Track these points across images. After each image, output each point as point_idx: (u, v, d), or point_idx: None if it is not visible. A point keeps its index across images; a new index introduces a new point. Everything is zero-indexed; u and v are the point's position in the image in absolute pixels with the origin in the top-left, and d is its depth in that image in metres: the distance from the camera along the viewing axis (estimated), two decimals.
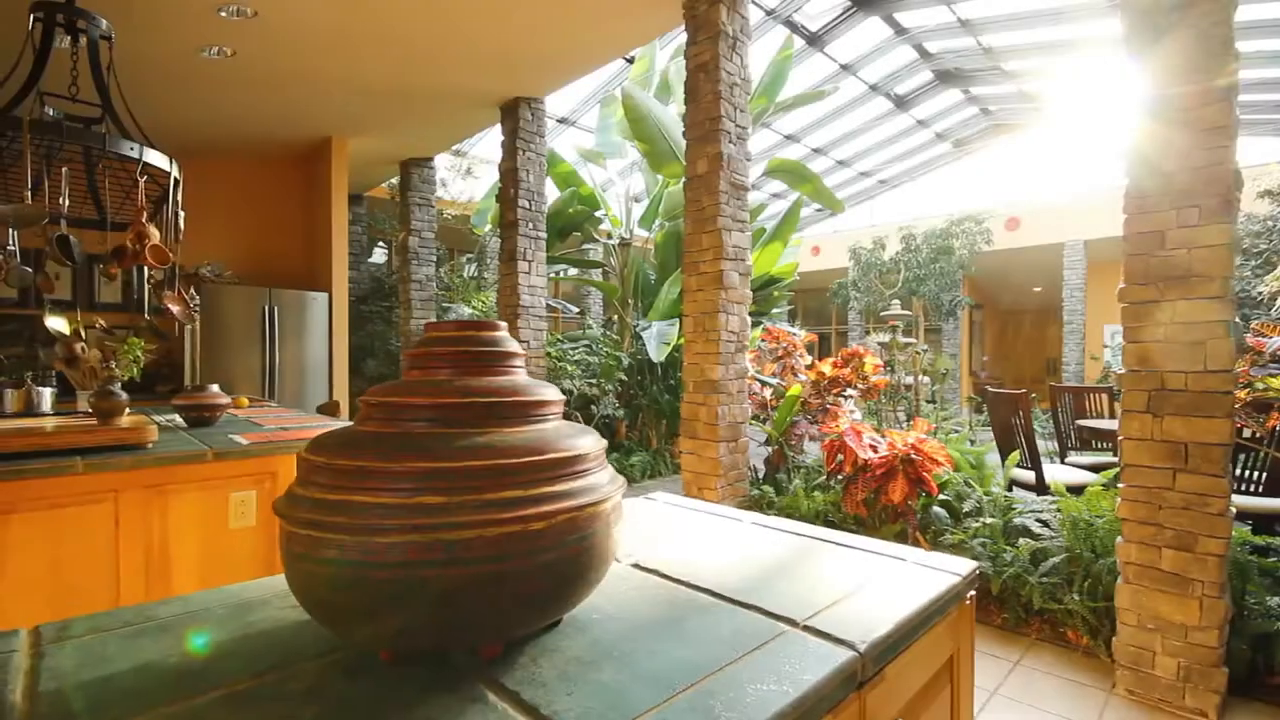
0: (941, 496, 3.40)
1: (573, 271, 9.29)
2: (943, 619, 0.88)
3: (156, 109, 4.77)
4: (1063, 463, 4.68)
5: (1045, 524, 3.07)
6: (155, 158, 2.27)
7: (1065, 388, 4.85)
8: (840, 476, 3.36)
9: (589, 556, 0.67)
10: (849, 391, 4.32)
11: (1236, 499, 3.20)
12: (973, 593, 0.98)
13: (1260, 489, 3.21)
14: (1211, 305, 2.22)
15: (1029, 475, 3.81)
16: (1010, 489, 4.09)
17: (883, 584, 0.90)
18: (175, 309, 2.40)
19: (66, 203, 2.19)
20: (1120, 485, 2.43)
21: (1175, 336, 2.28)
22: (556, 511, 0.62)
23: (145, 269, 2.48)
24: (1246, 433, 3.10)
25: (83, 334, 2.47)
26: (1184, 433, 2.26)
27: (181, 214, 2.44)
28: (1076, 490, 3.36)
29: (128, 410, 2.20)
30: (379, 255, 9.61)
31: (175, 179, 2.39)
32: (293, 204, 6.47)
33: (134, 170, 2.32)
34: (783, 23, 6.93)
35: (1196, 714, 2.23)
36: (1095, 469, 4.10)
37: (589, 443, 0.73)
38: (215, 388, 2.71)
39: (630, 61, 7.01)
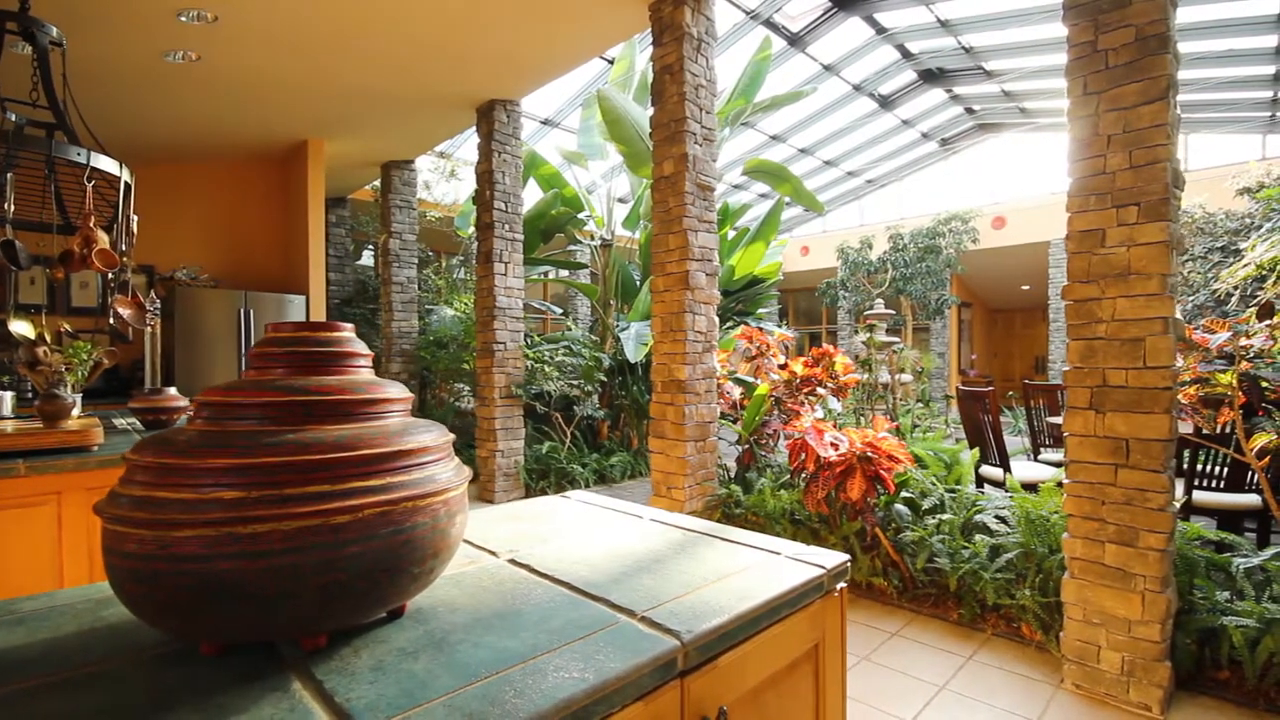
0: (905, 494, 3.42)
1: (563, 273, 9.31)
2: (798, 610, 0.90)
3: (126, 113, 4.79)
4: (1035, 459, 4.71)
5: (1003, 520, 3.09)
6: (104, 163, 2.29)
7: (1038, 385, 4.89)
8: (803, 475, 3.38)
9: (410, 549, 0.68)
10: (820, 390, 4.33)
11: (1199, 495, 3.22)
12: (842, 585, 0.99)
13: (1222, 485, 3.22)
14: (1151, 302, 2.24)
15: (999, 473, 3.84)
16: (981, 486, 4.12)
17: (747, 576, 0.92)
18: (126, 313, 2.41)
19: (12, 208, 2.20)
20: (1066, 481, 2.45)
21: (1116, 333, 2.30)
22: (365, 505, 0.64)
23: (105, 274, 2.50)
24: (1206, 430, 3.12)
25: (46, 338, 2.49)
26: (1125, 429, 2.28)
27: (134, 218, 2.45)
28: (1037, 487, 3.38)
29: (76, 413, 2.21)
30: (368, 258, 9.61)
31: (126, 184, 2.40)
32: (270, 207, 6.48)
33: (87, 175, 2.33)
34: (763, 24, 6.94)
35: (1140, 708, 2.25)
36: (1062, 465, 4.13)
37: (427, 438, 0.75)
38: (173, 390, 2.72)
39: (611, 63, 7.04)
